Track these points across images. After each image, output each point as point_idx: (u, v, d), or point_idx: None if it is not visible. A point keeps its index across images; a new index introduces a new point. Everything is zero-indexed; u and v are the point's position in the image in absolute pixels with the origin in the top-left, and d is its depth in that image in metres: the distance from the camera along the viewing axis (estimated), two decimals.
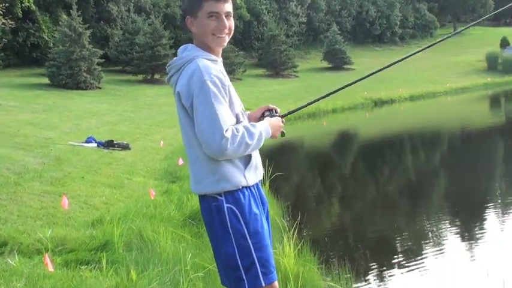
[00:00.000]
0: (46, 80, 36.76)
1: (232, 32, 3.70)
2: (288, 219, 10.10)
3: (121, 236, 7.34)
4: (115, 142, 17.03)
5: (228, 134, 3.34)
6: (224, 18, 3.58)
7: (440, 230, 10.82)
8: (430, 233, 10.75)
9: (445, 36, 5.66)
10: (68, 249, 7.03)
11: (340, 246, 10.20)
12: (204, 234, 7.98)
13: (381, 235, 10.81)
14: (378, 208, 13.49)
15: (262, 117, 3.91)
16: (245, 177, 3.57)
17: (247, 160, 3.61)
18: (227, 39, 3.67)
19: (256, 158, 3.71)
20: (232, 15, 3.66)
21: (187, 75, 3.46)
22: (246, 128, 3.51)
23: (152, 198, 9.89)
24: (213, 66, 3.50)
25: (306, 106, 4.58)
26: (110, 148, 16.55)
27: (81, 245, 7.13)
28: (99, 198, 10.13)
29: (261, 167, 3.80)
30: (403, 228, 11.28)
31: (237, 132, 3.41)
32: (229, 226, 3.51)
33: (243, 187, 3.57)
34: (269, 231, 3.78)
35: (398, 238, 10.49)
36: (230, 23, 3.63)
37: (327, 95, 4.49)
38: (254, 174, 3.67)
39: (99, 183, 11.56)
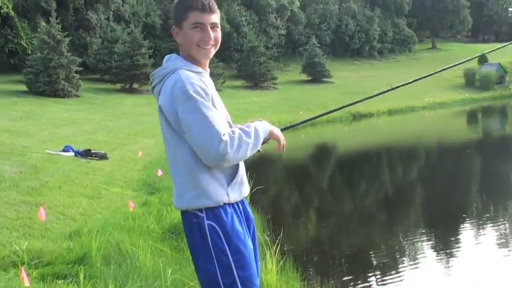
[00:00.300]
0: (23, 87, 36.42)
1: (219, 44, 3.60)
2: (269, 233, 10.00)
3: (99, 249, 7.18)
4: (93, 151, 16.81)
5: (226, 138, 3.22)
6: (209, 29, 3.49)
7: (418, 244, 10.91)
8: (408, 247, 10.84)
9: (469, 58, 5.62)
10: (44, 262, 6.85)
11: (322, 262, 10.17)
12: (184, 248, 7.87)
13: (362, 249, 10.85)
14: (358, 222, 13.49)
15: None
16: (228, 194, 3.44)
17: (232, 176, 3.49)
18: (213, 50, 3.57)
19: (242, 174, 3.59)
20: (218, 26, 3.56)
21: (169, 87, 3.36)
22: (240, 128, 3.42)
23: (131, 210, 9.72)
24: (195, 77, 3.39)
25: (305, 122, 4.51)
26: (87, 157, 16.33)
27: (58, 258, 6.95)
28: (77, 209, 9.95)
29: (247, 183, 3.67)
30: (383, 242, 11.32)
31: (233, 134, 3.30)
32: (210, 243, 3.39)
33: (225, 204, 3.44)
34: (255, 249, 3.66)
35: (378, 252, 10.55)
36: (216, 34, 3.54)
37: (329, 112, 4.42)
38: (238, 191, 3.54)
39: (76, 193, 11.38)
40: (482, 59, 68.52)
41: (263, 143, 3.61)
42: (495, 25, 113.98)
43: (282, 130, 3.88)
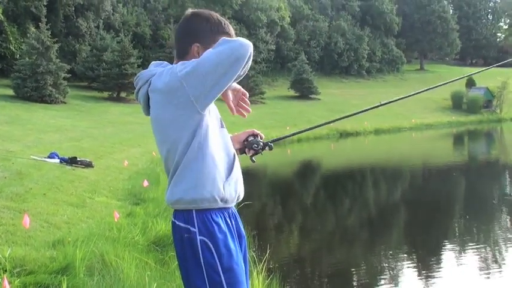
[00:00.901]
0: (11, 92, 36.29)
1: None
2: (254, 249, 9.91)
3: (83, 260, 7.05)
4: (78, 159, 16.68)
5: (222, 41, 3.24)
6: None
7: (400, 264, 10.92)
8: (390, 267, 10.83)
9: (456, 78, 5.60)
10: (27, 270, 6.71)
11: (308, 279, 10.10)
12: (169, 262, 7.78)
13: (346, 268, 10.85)
14: (342, 240, 13.49)
15: (245, 141, 3.81)
16: (224, 187, 3.33)
17: (228, 171, 3.39)
18: None
19: (238, 174, 3.48)
20: None
21: (164, 73, 3.26)
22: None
23: (116, 220, 9.60)
24: None
25: (294, 134, 4.44)
26: (72, 165, 16.21)
27: (40, 267, 6.82)
28: (61, 217, 9.82)
29: (242, 187, 3.54)
30: (366, 261, 11.32)
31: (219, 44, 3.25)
32: (201, 260, 3.28)
33: (220, 210, 3.35)
34: (246, 267, 3.57)
35: (361, 271, 10.62)
36: None
37: (315, 127, 4.37)
38: (234, 188, 3.42)
39: (61, 201, 11.25)
40: (470, 83, 69.01)
41: (258, 148, 3.66)
42: (483, 49, 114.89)
43: (270, 142, 3.87)
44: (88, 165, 16.55)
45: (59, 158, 16.57)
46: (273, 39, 72.41)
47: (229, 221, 3.44)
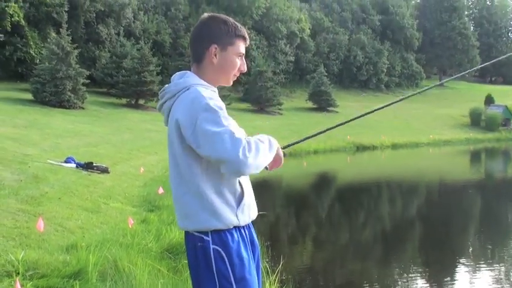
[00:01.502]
0: (30, 96, 36.46)
1: None
2: (268, 260, 9.86)
3: (96, 265, 7.06)
4: (94, 164, 16.72)
5: (245, 143, 3.13)
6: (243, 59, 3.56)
7: (413, 280, 10.81)
8: (405, 283, 10.66)
9: (429, 87, 5.61)
10: (39, 274, 6.72)
11: None
12: (182, 270, 7.75)
13: (359, 282, 10.72)
14: (356, 253, 13.37)
15: None
16: (237, 216, 3.35)
17: (239, 198, 3.39)
18: None
19: (250, 196, 3.49)
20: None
21: (186, 103, 3.26)
22: (254, 137, 3.34)
23: (130, 226, 9.59)
24: (214, 95, 3.36)
25: (304, 140, 4.43)
26: (88, 170, 16.24)
27: (53, 270, 6.83)
28: (75, 222, 9.84)
29: (255, 206, 3.58)
30: (379, 276, 11.23)
31: (250, 140, 3.21)
32: (214, 269, 3.28)
33: (234, 227, 3.35)
34: (258, 276, 3.56)
35: (376, 285, 10.43)
36: None
37: (320, 132, 4.37)
38: (247, 213, 3.45)
39: (75, 205, 11.27)
40: (489, 100, 68.69)
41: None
42: (503, 67, 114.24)
43: (284, 148, 3.85)
44: (104, 170, 16.59)
45: (75, 163, 16.62)
46: (292, 51, 72.41)
47: (242, 230, 3.44)
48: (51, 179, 13.50)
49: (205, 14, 3.58)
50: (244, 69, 3.58)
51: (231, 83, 3.63)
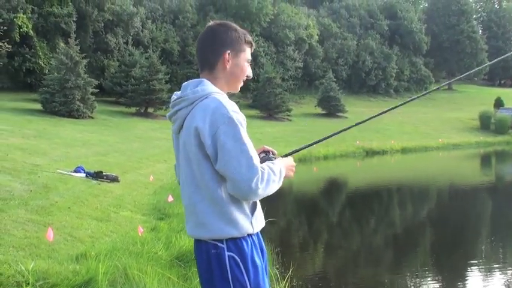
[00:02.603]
0: (39, 106, 36.58)
1: None
2: (277, 267, 9.85)
3: (105, 274, 7.06)
4: (104, 174, 16.74)
5: (260, 173, 3.18)
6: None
7: (425, 286, 10.76)
8: (417, 287, 10.63)
9: (432, 89, 5.59)
10: (49, 284, 6.72)
11: None
12: (192, 277, 7.73)
13: (370, 286, 10.66)
14: (367, 259, 13.32)
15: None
16: (252, 224, 3.38)
17: (253, 207, 3.43)
18: None
19: (260, 207, 3.53)
20: None
21: (208, 111, 3.27)
22: (267, 165, 3.36)
23: (140, 235, 9.60)
24: (234, 104, 3.38)
25: (308, 146, 4.45)
26: (98, 179, 16.26)
27: (63, 280, 6.83)
28: (85, 231, 9.85)
29: (263, 216, 3.61)
30: (391, 282, 11.13)
31: (264, 169, 3.25)
32: (229, 277, 3.29)
33: (247, 234, 3.37)
34: (268, 283, 3.56)
35: None
36: None
37: (326, 138, 4.38)
38: (260, 221, 3.50)
39: (85, 215, 11.28)
40: (498, 103, 68.48)
41: None
42: None
43: (287, 155, 3.91)
44: (114, 179, 16.60)
45: (84, 172, 16.63)
46: (300, 57, 72.37)
47: (254, 237, 3.46)
48: (60, 189, 13.52)
49: (213, 21, 3.62)
50: (251, 75, 3.62)
51: (238, 90, 3.66)
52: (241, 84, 3.63)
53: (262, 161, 3.67)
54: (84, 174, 16.49)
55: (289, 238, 15.34)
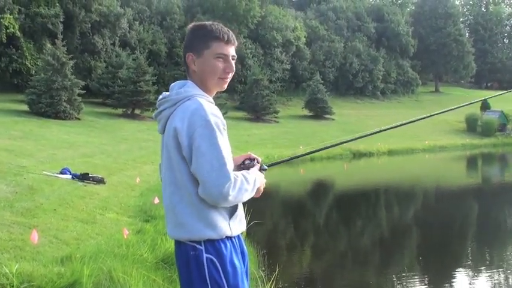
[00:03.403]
0: (25, 107, 36.38)
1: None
2: (263, 268, 9.86)
3: (90, 276, 7.04)
4: (90, 175, 16.69)
5: (232, 179, 3.17)
6: (231, 60, 3.47)
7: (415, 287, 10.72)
8: None
9: (470, 102, 5.60)
10: (34, 286, 6.69)
11: None
12: (177, 280, 7.69)
13: None
14: (353, 261, 13.37)
15: (242, 164, 3.73)
16: (230, 226, 3.37)
17: (232, 210, 3.42)
18: (228, 82, 3.57)
19: (241, 209, 3.53)
20: (235, 58, 3.57)
21: (187, 113, 3.28)
22: (242, 173, 3.36)
23: (125, 237, 9.58)
24: (215, 108, 3.36)
25: (291, 159, 4.46)
26: (84, 181, 16.21)
27: (47, 282, 6.80)
28: (70, 233, 9.82)
29: (244, 220, 3.61)
30: (377, 284, 11.15)
31: (237, 177, 3.24)
32: (207, 278, 3.28)
33: (226, 237, 3.35)
34: (248, 285, 3.56)
35: None
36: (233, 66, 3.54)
37: (329, 147, 4.38)
38: (239, 224, 3.48)
39: (71, 217, 11.24)
40: (485, 106, 68.76)
41: None
42: (499, 73, 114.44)
43: (267, 166, 3.86)
44: (100, 181, 16.56)
45: (71, 174, 16.57)
46: (288, 59, 72.38)
47: (233, 239, 3.46)
48: (46, 191, 13.48)
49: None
50: (231, 70, 3.55)
51: (224, 87, 3.60)
52: (224, 81, 3.55)
53: (246, 167, 3.67)
54: (70, 176, 16.43)
55: (276, 240, 15.34)
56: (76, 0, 47.55)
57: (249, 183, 3.34)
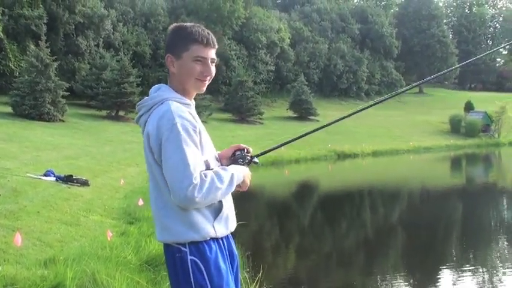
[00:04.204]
0: (9, 109, 36.18)
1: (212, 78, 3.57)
2: (248, 270, 9.84)
3: (74, 279, 7.01)
4: (74, 177, 16.62)
5: (197, 181, 3.15)
6: (210, 64, 3.44)
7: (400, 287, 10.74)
8: None
9: (398, 91, 5.60)
10: None
11: None
12: (161, 281, 7.71)
13: None
14: (338, 262, 13.40)
15: (233, 156, 3.74)
16: (214, 228, 3.37)
17: (217, 211, 3.41)
18: (207, 84, 3.53)
19: (228, 209, 3.51)
20: (215, 62, 3.52)
21: (157, 117, 3.29)
22: (215, 172, 3.33)
23: (109, 239, 9.55)
24: (185, 110, 3.34)
25: (280, 146, 4.46)
26: (68, 183, 16.13)
27: (31, 285, 6.77)
28: (54, 236, 9.78)
29: (234, 217, 3.60)
30: (361, 284, 11.17)
31: (205, 177, 3.22)
32: (192, 280, 3.29)
33: (211, 238, 3.36)
34: (237, 287, 3.59)
35: None
36: (213, 69, 3.52)
37: (296, 138, 4.39)
38: (225, 225, 3.46)
39: (54, 219, 11.19)
40: (469, 107, 69.17)
41: (243, 163, 3.69)
42: (482, 74, 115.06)
43: (256, 157, 3.85)
44: (84, 183, 16.50)
45: (54, 176, 16.49)
46: (272, 60, 72.47)
47: (220, 241, 3.46)
48: (30, 193, 13.40)
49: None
50: (209, 74, 3.51)
51: (203, 90, 3.57)
52: (202, 84, 3.53)
53: (236, 159, 3.67)
54: (54, 178, 16.35)
55: (260, 241, 15.34)
56: (60, 2, 47.35)
57: (223, 181, 3.31)
